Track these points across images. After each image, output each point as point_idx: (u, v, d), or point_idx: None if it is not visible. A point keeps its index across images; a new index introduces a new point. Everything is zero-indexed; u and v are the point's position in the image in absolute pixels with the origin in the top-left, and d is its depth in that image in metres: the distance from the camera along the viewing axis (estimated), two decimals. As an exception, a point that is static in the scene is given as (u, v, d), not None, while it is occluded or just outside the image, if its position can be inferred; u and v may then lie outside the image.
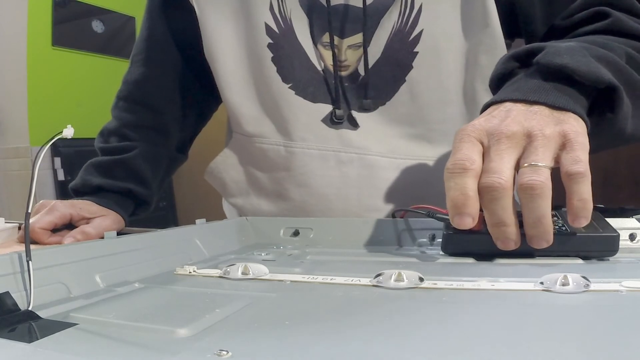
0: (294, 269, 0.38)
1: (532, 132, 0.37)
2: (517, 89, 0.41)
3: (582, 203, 0.35)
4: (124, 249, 0.39)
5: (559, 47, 0.42)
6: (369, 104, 0.62)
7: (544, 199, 0.35)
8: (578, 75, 0.40)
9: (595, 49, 0.43)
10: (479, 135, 0.38)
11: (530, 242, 0.37)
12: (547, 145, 0.36)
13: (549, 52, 0.42)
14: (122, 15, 2.59)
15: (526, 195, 0.35)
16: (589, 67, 0.40)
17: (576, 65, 0.40)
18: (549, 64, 0.41)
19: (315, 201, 0.65)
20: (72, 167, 2.21)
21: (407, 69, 0.60)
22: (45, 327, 0.26)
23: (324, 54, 0.62)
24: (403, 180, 0.63)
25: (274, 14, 0.62)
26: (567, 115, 0.38)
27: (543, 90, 0.40)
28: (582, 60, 0.41)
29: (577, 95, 0.40)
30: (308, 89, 0.63)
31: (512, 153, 0.37)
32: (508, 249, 0.37)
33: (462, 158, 0.37)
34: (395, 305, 0.29)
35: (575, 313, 0.26)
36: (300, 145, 0.64)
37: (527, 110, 0.39)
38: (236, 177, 0.72)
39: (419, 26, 0.58)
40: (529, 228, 0.36)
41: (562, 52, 0.41)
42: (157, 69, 0.73)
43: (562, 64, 0.40)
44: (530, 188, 0.35)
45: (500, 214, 0.36)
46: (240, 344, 0.23)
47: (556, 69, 0.40)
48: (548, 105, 0.39)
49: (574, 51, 0.41)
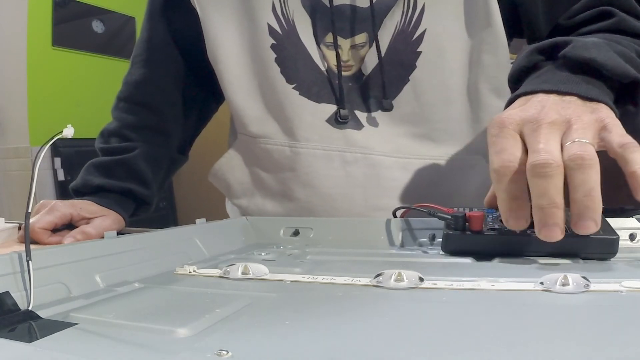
0: (294, 269, 0.38)
1: (571, 118, 0.37)
2: (547, 81, 0.41)
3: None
4: (124, 249, 0.39)
5: (585, 42, 0.42)
6: (377, 104, 0.62)
7: (594, 170, 0.34)
8: (606, 69, 0.40)
9: (614, 45, 0.43)
10: (517, 127, 0.37)
11: (576, 224, 0.34)
12: (587, 128, 0.36)
13: (576, 46, 0.42)
14: (122, 15, 2.59)
15: (575, 165, 0.34)
16: (616, 61, 0.41)
17: (603, 60, 0.40)
18: (577, 57, 0.41)
19: (321, 201, 0.65)
20: (72, 167, 2.21)
21: (411, 68, 0.60)
22: (45, 327, 0.26)
23: (327, 54, 0.62)
24: (408, 180, 0.63)
25: (277, 14, 0.62)
26: (599, 105, 0.39)
27: (573, 82, 0.40)
28: (608, 54, 0.41)
29: (604, 88, 0.41)
30: (312, 89, 0.63)
31: (555, 136, 0.36)
32: (552, 240, 0.35)
33: (509, 159, 0.36)
34: (395, 305, 0.29)
35: (575, 313, 0.26)
36: (305, 146, 0.64)
37: (561, 101, 0.39)
38: (241, 178, 0.72)
39: (422, 26, 0.59)
40: (576, 204, 0.34)
41: (589, 46, 0.41)
42: (157, 70, 0.73)
43: (590, 58, 0.41)
44: (580, 158, 0.34)
45: (552, 194, 0.34)
46: (240, 344, 0.23)
47: (584, 63, 0.41)
48: (580, 96, 0.39)
49: (599, 46, 0.42)
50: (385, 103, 0.62)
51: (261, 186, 0.70)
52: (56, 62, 2.31)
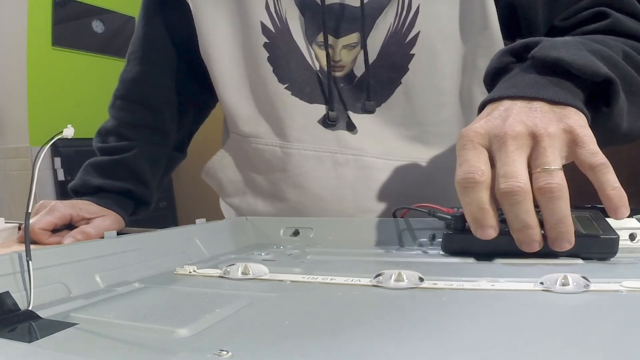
0: (294, 269, 0.38)
1: (537, 131, 0.36)
2: (514, 85, 0.41)
3: (617, 191, 0.35)
4: (124, 249, 0.39)
5: (554, 41, 0.42)
6: (367, 106, 0.62)
7: (563, 200, 0.35)
8: (574, 68, 0.39)
9: (590, 44, 0.43)
10: (482, 140, 0.38)
11: (553, 244, 0.36)
12: (554, 145, 0.36)
13: (544, 46, 0.41)
14: (122, 15, 2.59)
15: (545, 198, 0.35)
16: (585, 60, 0.40)
17: (572, 59, 0.40)
18: (544, 57, 0.41)
19: (311, 202, 0.65)
20: (72, 167, 2.21)
21: (403, 71, 0.60)
22: (45, 327, 0.26)
23: (319, 53, 0.62)
24: (399, 182, 0.63)
25: (270, 12, 0.61)
26: (567, 110, 0.38)
27: (540, 85, 0.39)
28: (578, 53, 0.40)
29: (574, 89, 0.40)
30: (304, 89, 0.63)
31: (521, 154, 0.36)
32: (533, 251, 0.37)
33: (470, 170, 0.36)
34: (395, 305, 0.29)
35: (575, 313, 0.26)
36: (296, 147, 0.64)
37: (527, 108, 0.38)
38: (232, 177, 0.72)
39: (416, 28, 0.58)
40: (551, 230, 0.36)
41: (558, 46, 0.41)
42: (153, 67, 0.73)
43: (558, 57, 0.40)
44: (549, 191, 0.35)
45: (524, 217, 0.36)
46: (240, 344, 0.23)
47: (552, 63, 0.40)
48: (547, 100, 0.38)
49: (569, 45, 0.41)
50: (367, 105, 0.62)
51: (252, 186, 0.70)
52: (56, 62, 2.31)
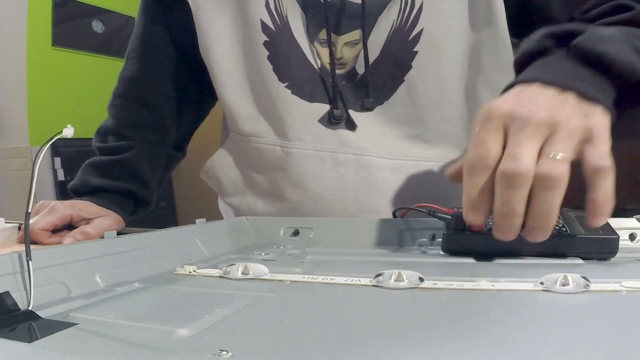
0: (294, 269, 0.38)
1: (559, 122, 0.36)
2: (550, 71, 0.40)
3: (607, 199, 0.35)
4: (124, 249, 0.39)
5: (601, 33, 0.41)
6: (368, 104, 0.62)
7: (558, 192, 0.34)
8: (616, 65, 0.39)
9: (632, 39, 0.41)
10: (505, 120, 0.37)
11: (528, 233, 0.36)
12: (571, 138, 0.36)
13: (591, 37, 0.40)
14: (122, 15, 2.59)
15: (542, 185, 0.34)
16: (629, 58, 0.39)
17: (615, 55, 0.39)
18: (589, 48, 0.40)
19: (312, 202, 0.65)
20: (72, 167, 2.21)
21: (406, 68, 0.60)
22: (45, 327, 0.26)
23: (321, 51, 0.62)
24: (400, 181, 0.63)
25: (270, 10, 0.61)
26: (594, 109, 0.37)
27: (577, 77, 0.39)
28: (622, 50, 0.39)
29: (608, 87, 0.39)
30: (305, 88, 0.63)
31: (536, 141, 0.36)
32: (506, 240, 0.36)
33: (486, 155, 0.36)
34: (395, 305, 0.29)
35: (575, 313, 0.26)
36: (296, 146, 0.64)
37: (557, 97, 0.38)
38: (232, 176, 0.71)
39: (419, 25, 0.58)
40: (533, 219, 0.35)
41: (604, 39, 0.40)
42: (152, 66, 0.72)
43: (603, 52, 0.39)
44: (548, 178, 0.34)
45: (513, 204, 0.35)
46: (240, 344, 0.23)
47: (595, 56, 0.39)
48: (579, 93, 0.38)
49: (614, 40, 0.40)
50: (369, 103, 0.61)
51: (252, 185, 0.70)
52: (56, 62, 2.31)
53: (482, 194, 0.36)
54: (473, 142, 0.37)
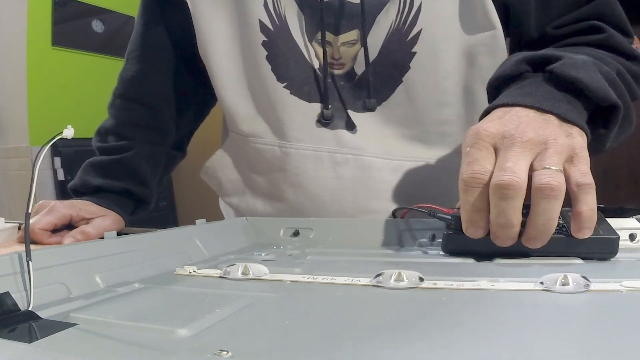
0: (294, 269, 0.38)
1: (547, 140, 0.37)
2: (529, 94, 0.41)
3: (590, 213, 0.36)
4: (124, 249, 0.39)
5: (575, 60, 0.42)
6: (366, 104, 0.62)
7: (558, 202, 0.35)
8: (589, 91, 0.41)
9: (601, 65, 0.44)
10: (494, 139, 0.38)
11: (528, 242, 0.37)
12: (560, 154, 0.37)
13: (566, 63, 0.42)
14: (122, 15, 2.59)
15: (542, 195, 0.35)
16: (600, 84, 0.41)
17: (589, 81, 0.41)
18: (564, 75, 0.41)
19: (310, 202, 0.65)
20: (72, 167, 2.21)
21: (405, 69, 0.60)
22: (45, 327, 0.26)
23: (319, 51, 0.62)
24: (398, 182, 0.63)
25: (269, 10, 0.61)
26: (574, 129, 0.39)
27: (555, 100, 0.40)
28: (594, 76, 0.42)
29: (582, 109, 0.41)
30: (303, 88, 0.63)
31: (527, 156, 0.37)
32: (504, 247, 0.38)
33: (480, 171, 0.37)
34: (395, 305, 0.29)
35: (575, 313, 0.26)
36: (295, 146, 0.64)
37: (540, 119, 0.39)
38: (232, 176, 0.71)
39: (418, 26, 0.58)
40: (533, 229, 0.36)
41: (578, 65, 0.42)
42: (152, 66, 0.72)
43: (577, 78, 0.41)
44: (550, 189, 0.35)
45: (509, 215, 0.36)
46: (240, 344, 0.23)
47: (570, 81, 0.41)
48: (559, 116, 0.39)
49: (587, 66, 0.42)
50: (368, 103, 0.61)
51: (252, 185, 0.70)
52: (56, 62, 2.31)
53: (479, 209, 0.37)
54: (465, 161, 0.38)
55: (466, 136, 0.39)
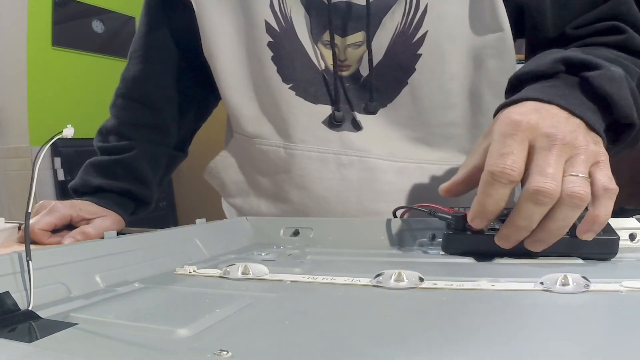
0: (294, 269, 0.38)
1: (580, 145, 0.37)
2: (564, 96, 0.41)
3: (605, 219, 0.36)
4: (124, 249, 0.39)
5: (612, 73, 0.42)
6: (371, 106, 0.62)
7: (580, 210, 0.35)
8: (616, 108, 0.41)
9: (629, 80, 0.44)
10: (532, 135, 0.37)
11: (532, 243, 0.37)
12: (588, 161, 0.37)
13: (603, 75, 0.42)
14: (122, 15, 2.59)
15: (572, 203, 0.35)
16: (627, 102, 0.42)
17: (618, 98, 0.41)
18: (599, 86, 0.41)
19: (315, 204, 0.65)
20: (72, 167, 2.21)
21: (410, 71, 0.59)
22: (45, 327, 0.26)
23: (324, 53, 0.61)
24: (403, 184, 0.63)
25: (275, 11, 0.61)
26: (599, 139, 0.40)
27: (586, 108, 0.41)
28: (623, 93, 0.42)
29: (602, 121, 0.42)
30: (309, 89, 0.62)
31: (562, 161, 0.37)
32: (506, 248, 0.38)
33: (512, 167, 0.36)
34: (395, 305, 0.29)
35: (575, 313, 0.26)
36: (300, 148, 0.64)
37: (573, 122, 0.39)
38: (235, 177, 0.71)
39: (424, 27, 0.57)
40: (544, 231, 0.36)
41: (613, 78, 0.42)
42: (155, 66, 0.72)
43: (610, 93, 0.41)
44: (579, 198, 0.35)
45: (535, 219, 0.36)
46: (240, 344, 0.23)
47: (602, 94, 0.41)
48: (587, 123, 0.39)
49: (620, 81, 0.42)
50: (370, 106, 0.61)
51: (256, 186, 0.70)
52: (56, 62, 2.31)
53: (498, 204, 0.37)
54: (497, 150, 0.37)
55: (501, 122, 0.38)
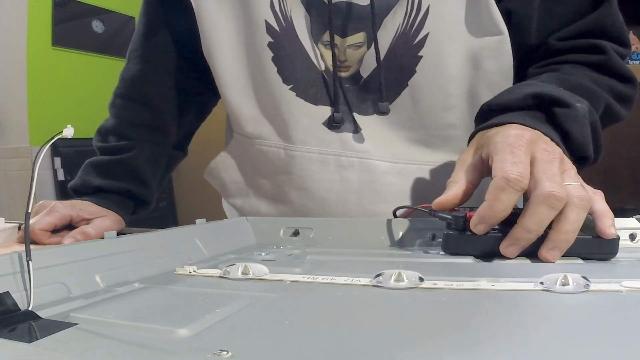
0: (294, 269, 0.38)
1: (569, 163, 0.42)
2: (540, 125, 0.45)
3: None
4: (124, 249, 0.39)
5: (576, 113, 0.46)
6: (372, 108, 0.62)
7: (585, 213, 0.38)
8: (575, 144, 0.46)
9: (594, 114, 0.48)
10: (534, 148, 0.41)
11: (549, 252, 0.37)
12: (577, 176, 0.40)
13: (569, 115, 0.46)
14: (122, 15, 2.59)
15: (579, 205, 0.37)
16: (586, 139, 0.47)
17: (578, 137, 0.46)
18: (561, 123, 0.46)
19: (315, 205, 0.65)
20: (72, 167, 2.21)
21: (411, 73, 0.59)
22: (45, 327, 0.26)
23: (325, 53, 0.61)
24: (403, 185, 0.63)
25: (275, 11, 0.60)
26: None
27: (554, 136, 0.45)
28: (585, 131, 0.47)
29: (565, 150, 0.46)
30: (309, 90, 0.62)
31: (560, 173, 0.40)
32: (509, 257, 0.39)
33: (524, 175, 0.38)
34: (395, 305, 0.29)
35: (575, 313, 0.26)
36: (300, 149, 0.64)
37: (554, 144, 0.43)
38: (236, 177, 0.71)
39: (425, 29, 0.57)
40: (557, 233, 0.37)
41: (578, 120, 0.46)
42: (154, 66, 0.72)
43: (570, 132, 0.46)
44: (586, 200, 0.38)
45: (545, 223, 0.37)
46: (240, 344, 0.23)
47: (563, 131, 0.46)
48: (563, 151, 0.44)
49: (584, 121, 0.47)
50: (381, 106, 0.61)
51: (256, 187, 0.70)
52: (56, 62, 2.31)
53: (506, 210, 0.38)
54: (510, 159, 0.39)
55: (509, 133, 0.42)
